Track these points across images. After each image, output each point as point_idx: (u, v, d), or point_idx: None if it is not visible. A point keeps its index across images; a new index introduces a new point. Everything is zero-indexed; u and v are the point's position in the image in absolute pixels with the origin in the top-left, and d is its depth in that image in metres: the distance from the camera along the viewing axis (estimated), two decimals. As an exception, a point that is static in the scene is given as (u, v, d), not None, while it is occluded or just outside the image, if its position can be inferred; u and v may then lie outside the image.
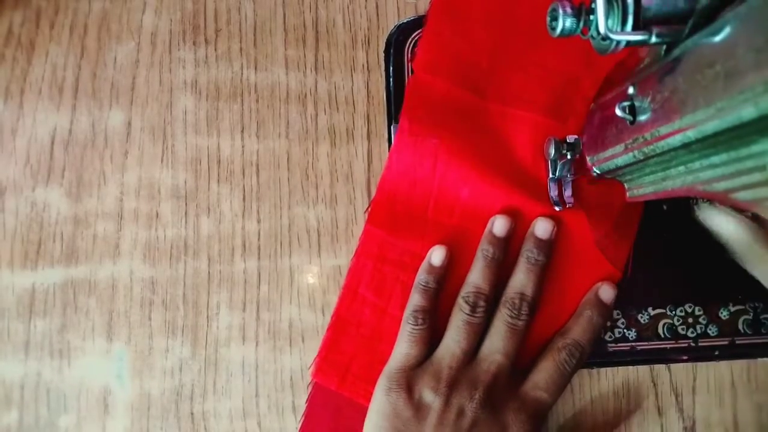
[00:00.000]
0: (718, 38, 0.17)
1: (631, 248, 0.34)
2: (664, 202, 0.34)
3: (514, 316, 0.31)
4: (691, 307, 0.34)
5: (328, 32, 0.37)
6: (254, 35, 0.37)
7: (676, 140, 0.20)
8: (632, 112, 0.22)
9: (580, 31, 0.21)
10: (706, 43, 0.18)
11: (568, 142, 0.31)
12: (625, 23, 0.20)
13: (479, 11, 0.35)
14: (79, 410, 0.34)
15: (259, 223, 0.35)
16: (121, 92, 0.36)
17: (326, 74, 0.36)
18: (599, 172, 0.28)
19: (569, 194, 0.32)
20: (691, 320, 0.34)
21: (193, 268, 0.35)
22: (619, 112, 0.22)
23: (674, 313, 0.34)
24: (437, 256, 0.33)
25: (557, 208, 0.32)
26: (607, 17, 0.20)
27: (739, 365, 0.34)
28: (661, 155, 0.22)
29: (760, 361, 0.34)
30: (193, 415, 0.33)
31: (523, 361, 0.32)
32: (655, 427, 0.34)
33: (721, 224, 0.31)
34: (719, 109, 0.17)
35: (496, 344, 0.31)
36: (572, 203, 0.32)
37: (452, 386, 0.30)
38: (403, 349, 0.31)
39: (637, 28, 0.20)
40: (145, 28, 0.37)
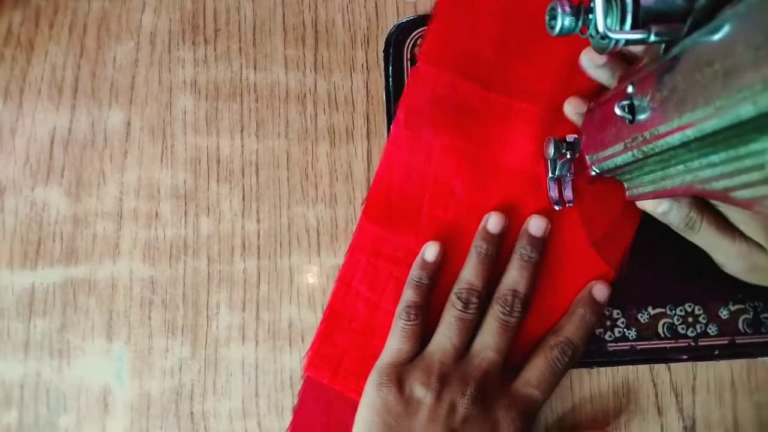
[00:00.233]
0: (716, 37, 0.17)
1: (627, 248, 0.34)
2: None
3: (506, 312, 0.31)
4: (691, 306, 0.34)
5: (327, 32, 0.37)
6: (253, 35, 0.37)
7: (675, 139, 0.20)
8: (631, 111, 0.22)
9: (578, 30, 0.21)
10: (705, 41, 0.18)
11: (567, 141, 0.31)
12: (623, 22, 0.20)
13: (487, 4, 0.35)
14: (78, 410, 0.34)
15: (258, 222, 0.35)
16: (120, 92, 0.36)
17: (325, 74, 0.36)
18: (598, 171, 0.28)
19: (569, 194, 0.32)
20: (691, 319, 0.34)
21: (192, 267, 0.35)
22: (618, 111, 0.22)
23: (674, 312, 0.34)
24: (431, 252, 0.33)
25: (557, 207, 0.32)
26: (605, 16, 0.20)
27: (739, 365, 0.34)
28: (660, 154, 0.22)
29: (760, 360, 0.34)
30: (192, 414, 0.33)
31: (515, 358, 0.32)
32: (655, 426, 0.34)
33: (652, 204, 0.29)
34: (718, 107, 0.17)
35: (487, 340, 0.31)
36: (572, 203, 0.32)
37: (443, 382, 0.30)
38: (394, 344, 0.31)
39: (635, 26, 0.20)
40: (144, 27, 0.37)
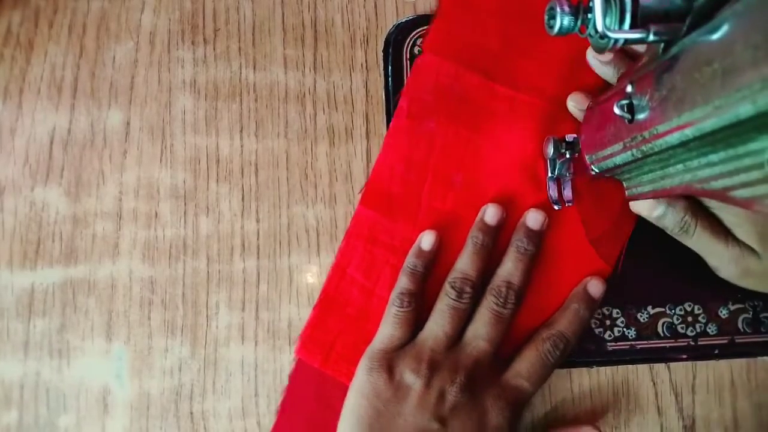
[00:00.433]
0: (715, 36, 0.17)
1: (624, 245, 0.34)
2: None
3: (499, 304, 0.31)
4: (690, 305, 0.34)
5: (326, 32, 0.37)
6: (253, 35, 0.37)
7: (674, 138, 0.20)
8: (630, 110, 0.22)
9: (577, 29, 0.21)
10: (703, 40, 0.18)
11: (566, 140, 0.31)
12: (622, 21, 0.20)
13: (490, 2, 0.35)
14: (78, 410, 0.33)
15: (258, 222, 0.35)
16: (119, 92, 0.36)
17: (325, 74, 0.36)
18: (598, 170, 0.28)
19: (568, 193, 0.32)
20: (690, 319, 0.34)
21: (192, 267, 0.35)
22: (617, 110, 0.22)
23: (674, 311, 0.34)
24: (427, 240, 0.33)
25: (556, 207, 0.32)
26: (604, 16, 0.20)
27: (738, 364, 0.34)
28: (659, 153, 0.22)
29: (759, 359, 0.34)
30: (192, 414, 0.33)
31: (507, 350, 0.32)
32: (654, 426, 0.34)
33: (647, 208, 0.29)
34: (717, 106, 0.17)
35: (479, 330, 0.31)
36: (571, 203, 0.32)
37: (433, 369, 0.30)
38: (387, 330, 0.32)
39: (634, 26, 0.20)
40: (143, 27, 0.37)
